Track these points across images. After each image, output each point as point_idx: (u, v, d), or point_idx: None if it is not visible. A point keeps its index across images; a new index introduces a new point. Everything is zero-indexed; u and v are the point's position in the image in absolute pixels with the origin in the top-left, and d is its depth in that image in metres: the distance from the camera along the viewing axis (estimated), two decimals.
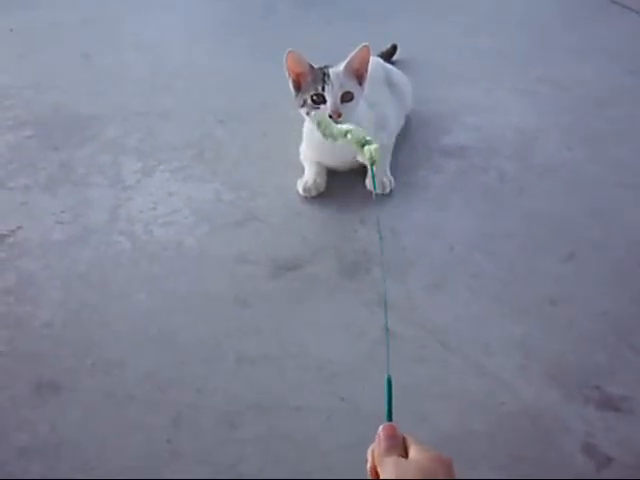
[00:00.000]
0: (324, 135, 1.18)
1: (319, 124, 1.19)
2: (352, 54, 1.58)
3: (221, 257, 1.52)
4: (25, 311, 1.40)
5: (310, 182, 1.68)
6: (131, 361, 1.28)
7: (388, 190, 1.67)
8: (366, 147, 1.04)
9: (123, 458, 1.12)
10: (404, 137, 1.89)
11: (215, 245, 1.55)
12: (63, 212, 1.67)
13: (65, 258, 1.53)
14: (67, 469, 1.10)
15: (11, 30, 2.72)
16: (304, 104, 1.61)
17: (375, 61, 1.63)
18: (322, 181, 1.70)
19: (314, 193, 1.68)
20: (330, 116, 1.54)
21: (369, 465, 0.72)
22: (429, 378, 1.23)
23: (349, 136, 1.08)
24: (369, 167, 1.03)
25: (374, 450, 0.72)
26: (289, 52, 1.58)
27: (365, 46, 1.58)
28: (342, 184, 1.72)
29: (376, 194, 1.66)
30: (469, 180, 1.76)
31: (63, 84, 2.28)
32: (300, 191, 1.69)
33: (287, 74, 1.61)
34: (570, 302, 1.38)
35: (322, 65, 1.62)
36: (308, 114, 1.62)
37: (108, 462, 1.11)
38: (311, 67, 1.60)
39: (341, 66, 1.59)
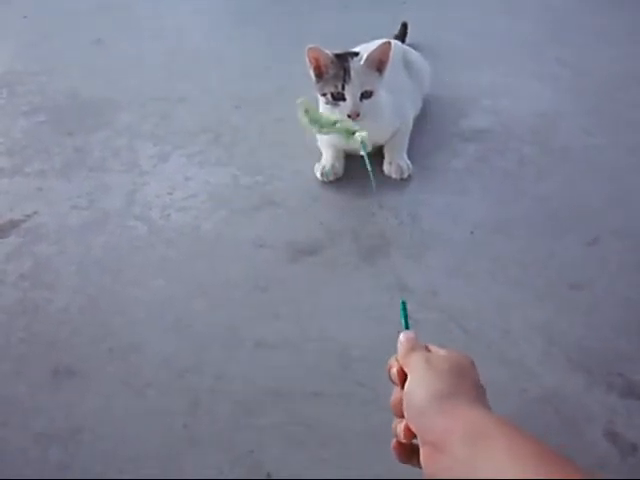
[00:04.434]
0: (310, 123, 1.18)
1: (306, 112, 1.20)
2: (373, 49, 1.56)
3: (239, 242, 1.50)
4: (41, 297, 1.39)
5: (328, 166, 1.66)
6: (148, 347, 1.27)
7: (406, 175, 1.65)
8: (357, 134, 1.13)
9: (140, 444, 1.10)
10: (422, 121, 1.87)
11: (232, 230, 1.54)
12: (79, 197, 1.66)
13: (81, 243, 1.52)
14: (84, 455, 1.09)
15: (25, 17, 2.72)
16: (324, 95, 1.60)
17: (392, 43, 1.61)
18: (340, 165, 1.68)
19: (332, 177, 1.67)
20: (349, 115, 1.55)
21: (394, 370, 0.72)
22: None
23: (338, 125, 1.11)
24: (364, 153, 1.07)
25: (397, 355, 0.73)
26: (309, 48, 1.56)
27: (387, 42, 1.56)
28: (359, 168, 1.68)
29: (394, 179, 1.65)
30: (488, 164, 1.73)
31: (77, 70, 2.27)
32: (318, 175, 1.67)
33: (308, 63, 1.59)
34: (592, 287, 1.35)
35: (343, 52, 1.60)
36: (328, 104, 1.61)
37: (125, 448, 1.10)
38: (332, 60, 1.57)
39: (362, 59, 1.57)
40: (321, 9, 2.71)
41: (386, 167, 1.66)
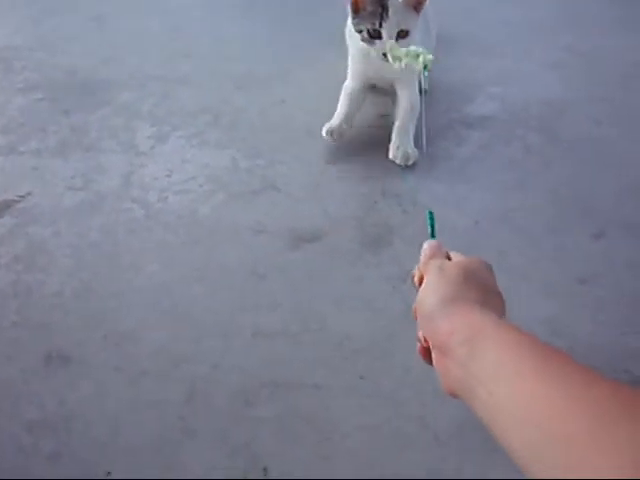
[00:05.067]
0: (393, 59, 1.35)
1: (390, 50, 1.37)
2: None
3: (237, 227, 1.47)
4: (35, 279, 1.36)
5: (335, 125, 1.64)
6: (144, 334, 1.24)
7: (411, 162, 1.61)
8: (421, 57, 1.23)
9: (135, 435, 1.08)
10: (427, 107, 1.82)
11: (231, 214, 1.50)
12: (74, 178, 1.62)
13: (76, 225, 1.48)
14: (77, 444, 1.07)
15: None
16: (360, 32, 1.58)
17: None
18: (347, 127, 1.66)
19: (336, 137, 1.64)
20: (384, 54, 1.53)
21: (416, 278, 0.75)
22: None
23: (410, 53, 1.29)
24: (422, 71, 1.20)
25: (420, 264, 0.76)
26: None
27: None
28: (363, 154, 1.66)
29: (399, 165, 1.61)
30: (493, 152, 1.70)
31: (77, 47, 2.22)
32: (323, 133, 1.64)
33: None
34: (600, 281, 1.33)
35: None
36: (363, 41, 1.59)
37: (119, 438, 1.08)
38: None
39: None
40: None
41: (392, 152, 1.63)
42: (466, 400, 0.57)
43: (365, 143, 1.70)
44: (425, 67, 1.17)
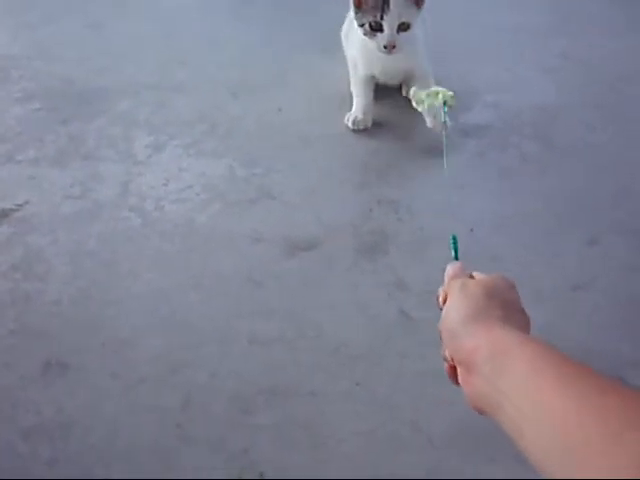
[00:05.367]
0: (417, 103, 1.24)
1: (413, 96, 1.25)
2: None
3: (234, 235, 1.48)
4: (33, 288, 1.36)
5: (360, 116, 1.73)
6: (141, 341, 1.25)
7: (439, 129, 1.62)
8: (440, 94, 1.17)
9: (132, 441, 1.09)
10: (422, 115, 1.84)
11: (228, 223, 1.51)
12: (72, 187, 1.62)
13: (74, 234, 1.49)
14: (75, 451, 1.08)
15: None
16: (362, 26, 1.62)
17: None
18: (369, 116, 1.74)
19: (362, 127, 1.73)
20: (385, 47, 1.60)
21: (440, 298, 0.75)
22: None
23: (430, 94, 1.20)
24: (442, 107, 1.15)
25: (444, 285, 0.77)
26: None
27: None
28: (358, 162, 1.67)
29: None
30: (489, 160, 1.70)
31: (74, 55, 2.23)
32: (349, 125, 1.73)
33: None
34: (594, 287, 1.34)
35: None
36: (365, 34, 1.64)
37: (116, 445, 1.08)
38: None
39: None
40: None
41: (429, 121, 1.69)
42: (493, 416, 0.58)
43: (360, 151, 1.70)
44: (445, 103, 1.16)
